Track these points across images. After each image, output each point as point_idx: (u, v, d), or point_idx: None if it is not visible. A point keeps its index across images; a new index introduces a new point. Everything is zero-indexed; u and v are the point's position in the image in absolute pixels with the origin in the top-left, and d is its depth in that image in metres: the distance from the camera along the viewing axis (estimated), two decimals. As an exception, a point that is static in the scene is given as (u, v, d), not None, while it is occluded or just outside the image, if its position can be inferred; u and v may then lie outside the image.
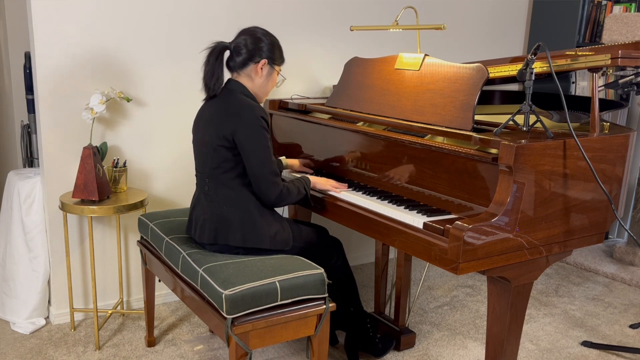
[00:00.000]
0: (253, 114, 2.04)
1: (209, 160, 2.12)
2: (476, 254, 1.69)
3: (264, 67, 2.16)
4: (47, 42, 2.55)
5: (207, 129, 2.12)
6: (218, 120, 2.08)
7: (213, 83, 2.12)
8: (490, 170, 1.81)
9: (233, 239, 2.09)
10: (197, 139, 2.19)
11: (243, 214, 2.09)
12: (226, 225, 2.09)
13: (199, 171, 2.20)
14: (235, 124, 2.03)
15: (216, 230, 2.10)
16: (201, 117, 2.19)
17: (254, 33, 2.17)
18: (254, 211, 2.10)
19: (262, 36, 2.16)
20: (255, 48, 2.14)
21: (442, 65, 2.20)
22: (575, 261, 3.78)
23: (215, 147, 2.07)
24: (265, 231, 2.10)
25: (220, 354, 2.56)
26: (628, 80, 2.53)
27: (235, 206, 2.09)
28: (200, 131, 2.17)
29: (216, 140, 2.06)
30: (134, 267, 2.96)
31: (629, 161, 2.09)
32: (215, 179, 2.11)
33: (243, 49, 2.14)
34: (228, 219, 2.09)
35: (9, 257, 2.78)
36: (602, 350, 2.71)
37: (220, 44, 2.14)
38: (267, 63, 2.16)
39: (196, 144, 2.20)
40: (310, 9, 3.18)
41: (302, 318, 1.94)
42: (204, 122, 2.15)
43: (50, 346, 2.58)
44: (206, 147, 2.12)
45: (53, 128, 2.63)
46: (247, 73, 2.16)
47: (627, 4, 3.83)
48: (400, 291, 2.64)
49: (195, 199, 2.22)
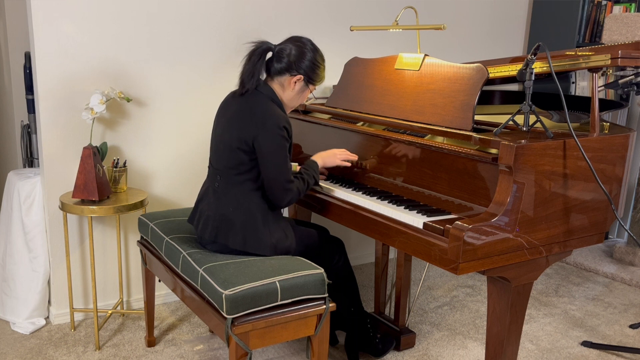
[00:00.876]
0: (276, 123, 2.02)
1: (224, 158, 2.11)
2: (476, 254, 1.69)
3: (298, 82, 2.13)
4: (47, 42, 2.55)
5: (228, 127, 2.10)
6: (241, 123, 2.06)
7: (251, 82, 2.09)
8: (490, 170, 1.81)
9: (233, 241, 2.08)
10: (216, 133, 2.17)
11: (247, 218, 2.08)
12: (228, 227, 2.09)
13: (213, 165, 2.19)
14: (258, 130, 2.01)
15: (217, 229, 2.10)
16: (224, 112, 2.15)
17: (301, 45, 2.12)
18: (258, 217, 2.09)
19: (308, 51, 2.12)
20: (296, 60, 2.10)
21: (442, 65, 2.20)
22: (575, 261, 3.78)
23: (233, 147, 2.06)
24: (266, 239, 2.09)
25: (220, 354, 2.56)
26: (628, 80, 2.53)
27: (241, 209, 2.08)
28: (220, 126, 2.15)
29: (235, 142, 2.05)
30: (134, 267, 2.96)
31: (629, 161, 2.09)
32: (226, 177, 2.11)
33: (285, 58, 2.10)
34: (231, 221, 2.08)
35: (9, 257, 2.78)
36: (602, 350, 2.71)
37: (265, 44, 2.10)
38: (303, 80, 2.13)
39: (214, 138, 2.17)
40: (310, 9, 3.18)
41: (302, 318, 1.94)
42: (226, 118, 2.12)
43: (50, 346, 2.58)
44: (224, 145, 2.10)
45: (53, 128, 2.63)
46: (281, 82, 2.13)
47: (627, 4, 3.83)
48: (400, 291, 2.64)
49: (203, 191, 2.21)
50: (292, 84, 2.13)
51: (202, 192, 2.22)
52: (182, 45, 2.84)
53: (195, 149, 2.98)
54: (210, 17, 2.88)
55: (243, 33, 2.99)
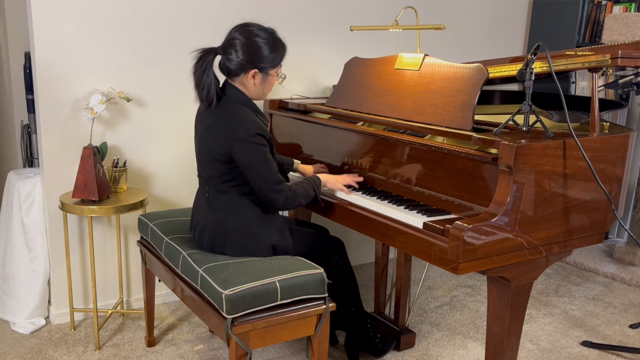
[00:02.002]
0: (249, 132, 1.96)
1: (207, 169, 2.09)
2: (476, 254, 1.69)
3: (255, 75, 2.05)
4: (47, 42, 2.55)
5: (205, 139, 2.07)
6: (216, 135, 2.02)
7: (205, 95, 2.02)
8: (490, 170, 1.81)
9: (231, 249, 2.08)
10: (196, 143, 2.15)
11: (242, 223, 2.07)
12: (224, 235, 2.08)
13: (200, 175, 2.19)
14: (232, 143, 1.97)
15: (214, 239, 2.10)
16: (201, 122, 2.12)
17: (241, 37, 2.02)
18: (252, 221, 2.08)
19: (249, 41, 2.01)
20: (245, 58, 2.01)
21: (442, 65, 2.20)
22: (575, 261, 3.78)
23: (213, 159, 2.04)
24: (264, 241, 2.09)
25: (220, 354, 2.56)
26: (628, 80, 2.53)
27: (235, 215, 2.08)
28: (199, 136, 2.13)
29: (214, 154, 2.03)
30: (134, 267, 2.96)
31: (628, 161, 2.09)
32: (215, 187, 2.10)
33: (233, 56, 2.01)
34: (227, 229, 2.08)
35: (9, 257, 2.78)
36: (602, 350, 2.71)
37: (207, 52, 2.01)
38: (259, 72, 2.05)
39: (196, 149, 2.16)
40: (310, 9, 3.18)
41: (302, 318, 1.94)
42: (203, 128, 2.09)
43: (50, 346, 2.58)
44: (203, 156, 2.09)
45: (53, 128, 2.63)
46: (241, 81, 2.07)
47: (627, 4, 3.83)
48: (400, 291, 2.64)
49: (197, 201, 2.22)
50: (251, 79, 2.05)
51: (196, 202, 2.23)
52: (182, 45, 2.84)
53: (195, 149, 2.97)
54: (209, 17, 2.88)
55: (243, 33, 2.98)
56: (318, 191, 2.18)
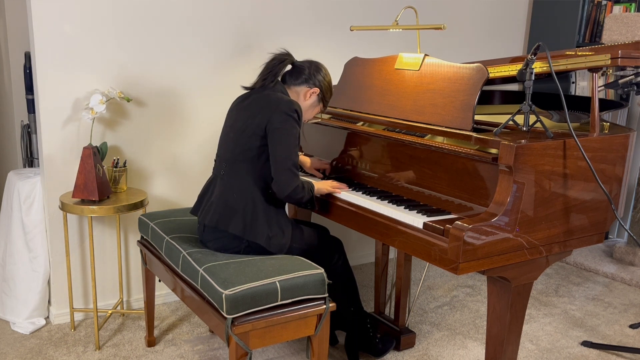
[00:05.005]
0: (289, 106, 2.09)
1: (232, 146, 2.14)
2: (476, 254, 1.69)
3: (313, 94, 2.24)
4: (47, 42, 2.55)
5: (241, 114, 2.16)
6: (256, 109, 2.12)
7: (268, 79, 2.18)
8: (490, 170, 1.81)
9: (234, 226, 2.09)
10: (227, 125, 2.23)
11: (248, 204, 2.11)
12: (231, 213, 2.10)
13: (219, 156, 2.22)
14: (271, 112, 2.08)
15: (220, 215, 2.12)
16: (239, 104, 2.22)
17: (319, 66, 2.26)
18: (259, 206, 2.11)
19: (324, 72, 2.27)
20: (315, 76, 2.23)
21: (442, 65, 2.20)
22: (575, 261, 3.78)
23: (245, 133, 2.11)
24: (263, 228, 2.10)
25: (220, 354, 2.56)
26: (628, 80, 2.53)
27: (244, 196, 2.11)
28: (232, 117, 2.21)
29: (249, 127, 2.10)
30: (134, 267, 2.96)
31: (629, 161, 2.09)
32: (232, 165, 2.14)
33: (305, 70, 2.23)
34: (233, 207, 2.11)
35: (9, 257, 2.78)
36: (602, 350, 2.71)
37: (286, 54, 2.21)
38: (318, 94, 2.25)
39: (224, 130, 2.24)
40: (310, 9, 3.18)
41: (302, 318, 1.94)
42: (242, 107, 2.19)
43: (50, 346, 2.58)
44: (235, 132, 2.15)
45: (53, 128, 2.63)
46: (297, 91, 2.24)
47: (627, 4, 3.84)
48: (400, 291, 2.64)
49: (207, 183, 2.26)
50: (308, 95, 2.24)
51: (206, 185, 2.26)
52: (182, 45, 2.84)
53: (195, 149, 2.98)
54: (210, 18, 2.88)
55: (243, 34, 2.99)
56: (312, 194, 2.21)
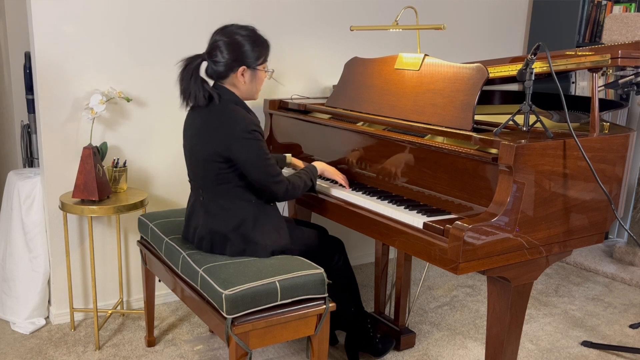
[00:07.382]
0: (245, 128, 1.97)
1: (200, 172, 2.09)
2: (476, 254, 1.69)
3: (244, 73, 2.06)
4: (47, 42, 2.55)
5: (196, 140, 2.06)
6: (209, 135, 2.02)
7: (193, 99, 2.02)
8: (490, 170, 1.81)
9: (231, 251, 2.08)
10: (186, 148, 2.15)
11: (238, 226, 2.07)
12: (222, 240, 2.08)
13: (192, 180, 2.18)
14: (229, 141, 1.97)
15: (212, 242, 2.10)
16: (190, 126, 2.12)
17: (229, 35, 2.04)
18: (249, 223, 2.08)
19: (238, 38, 2.03)
20: (231, 56, 2.03)
21: (442, 65, 2.20)
22: (575, 261, 3.78)
23: (207, 160, 2.03)
24: (262, 242, 2.08)
25: (220, 354, 2.56)
26: (628, 80, 2.53)
27: (230, 220, 2.07)
28: (189, 141, 2.12)
29: (209, 155, 2.02)
30: (134, 267, 2.96)
31: (629, 161, 2.09)
32: (209, 190, 2.09)
33: (219, 58, 2.03)
34: (224, 233, 2.08)
35: (9, 257, 2.78)
36: (602, 350, 2.71)
37: (193, 59, 2.04)
38: (247, 68, 2.06)
39: (186, 153, 2.16)
40: (310, 8, 3.18)
41: (302, 318, 1.94)
42: (193, 130, 2.09)
43: (50, 346, 2.58)
44: (197, 159, 2.08)
45: (53, 128, 2.63)
46: (230, 82, 2.08)
47: (627, 4, 3.84)
48: (400, 291, 2.64)
49: (191, 206, 2.21)
50: (240, 77, 2.06)
51: (189, 207, 2.21)
52: (182, 45, 2.84)
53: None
54: (209, 18, 2.88)
55: (243, 33, 2.99)
56: (315, 180, 2.20)
